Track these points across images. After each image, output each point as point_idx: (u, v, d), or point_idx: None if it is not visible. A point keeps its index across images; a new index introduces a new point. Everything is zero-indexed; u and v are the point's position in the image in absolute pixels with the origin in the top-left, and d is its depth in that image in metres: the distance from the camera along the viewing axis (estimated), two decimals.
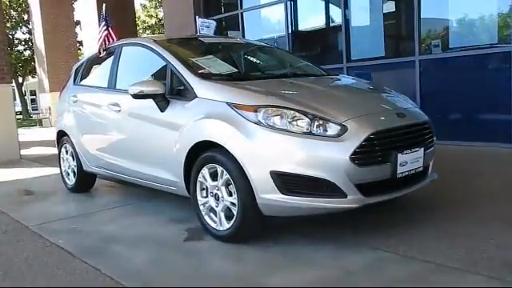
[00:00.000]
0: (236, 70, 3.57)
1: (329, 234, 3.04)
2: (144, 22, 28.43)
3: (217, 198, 2.99)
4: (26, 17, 26.11)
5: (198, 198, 3.14)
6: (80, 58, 22.73)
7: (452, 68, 6.35)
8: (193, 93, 3.17)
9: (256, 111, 2.78)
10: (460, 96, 6.15)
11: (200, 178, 3.09)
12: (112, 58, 4.24)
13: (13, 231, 3.57)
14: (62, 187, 5.07)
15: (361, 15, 7.59)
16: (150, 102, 3.37)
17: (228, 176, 2.86)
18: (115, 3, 13.94)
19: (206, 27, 5.32)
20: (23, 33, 27.74)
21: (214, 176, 3.01)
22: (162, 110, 3.32)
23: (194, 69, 3.34)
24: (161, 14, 27.52)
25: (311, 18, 8.64)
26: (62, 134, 4.93)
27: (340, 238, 2.94)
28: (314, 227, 3.16)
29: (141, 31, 26.96)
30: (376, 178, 2.76)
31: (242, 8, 9.46)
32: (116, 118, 3.89)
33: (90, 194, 4.80)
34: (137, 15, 21.33)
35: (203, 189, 3.11)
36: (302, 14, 8.60)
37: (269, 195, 2.70)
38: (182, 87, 3.29)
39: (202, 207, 3.13)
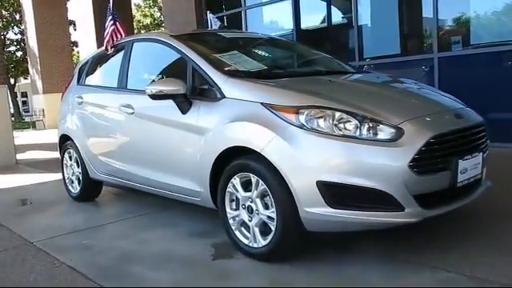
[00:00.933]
0: (265, 67, 3.23)
1: (379, 249, 2.70)
2: (139, 21, 27.95)
3: (250, 210, 2.65)
4: (17, 17, 25.58)
5: (227, 210, 2.79)
6: (74, 58, 22.26)
7: (473, 65, 6.05)
8: (219, 92, 2.83)
9: (297, 113, 2.44)
10: (482, 95, 5.85)
11: (229, 189, 2.75)
12: (121, 55, 3.87)
13: (16, 248, 3.20)
14: (64, 195, 4.69)
15: (374, 11, 7.28)
16: (169, 103, 3.03)
17: (265, 186, 2.52)
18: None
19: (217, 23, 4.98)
20: (15, 33, 27.21)
21: (246, 186, 2.67)
22: (184, 111, 2.98)
23: (218, 66, 2.99)
24: (156, 14, 27.11)
25: (319, 15, 8.32)
26: (65, 139, 4.56)
27: (392, 255, 2.61)
28: (362, 241, 2.82)
29: (135, 31, 26.47)
30: (435, 188, 2.43)
31: (245, 5, 9.13)
32: (128, 121, 3.53)
33: (96, 203, 4.44)
34: None
35: (233, 200, 2.77)
36: (310, 10, 8.28)
37: (314, 209, 2.36)
38: (206, 86, 2.95)
39: (231, 221, 2.78)
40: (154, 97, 3.00)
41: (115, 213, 3.99)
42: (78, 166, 4.39)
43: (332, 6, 8.24)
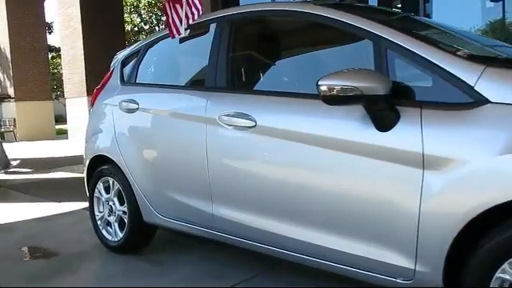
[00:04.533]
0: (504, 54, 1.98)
1: None
2: None
3: None
4: None
5: None
6: (52, 63, 20.17)
7: None
8: (470, 94, 1.56)
9: None
10: None
11: (505, 274, 1.47)
12: (211, 39, 2.51)
13: None
14: (89, 241, 3.31)
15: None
16: (347, 112, 1.75)
17: None
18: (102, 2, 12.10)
19: None
20: None
21: None
22: (384, 126, 1.69)
23: (449, 49, 1.73)
24: (136, 20, 25.62)
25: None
26: (99, 162, 3.15)
27: None
28: None
29: None
30: None
31: None
32: (243, 141, 2.18)
33: (147, 257, 3.01)
34: None
35: None
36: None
37: None
38: (427, 84, 1.69)
39: None
40: (333, 99, 1.70)
41: (191, 277, 2.61)
42: (123, 203, 2.98)
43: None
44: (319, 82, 1.68)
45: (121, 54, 3.33)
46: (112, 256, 3.06)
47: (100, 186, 3.17)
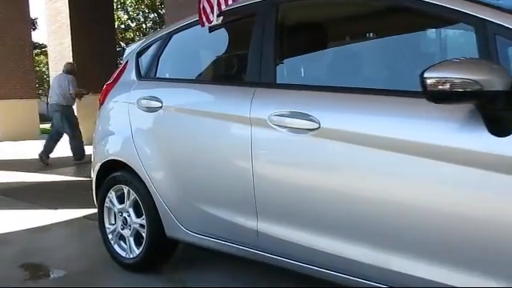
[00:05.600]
0: None
1: None
2: None
3: None
4: None
5: None
6: (37, 61, 19.39)
7: None
8: None
9: None
10: None
11: None
12: (253, 26, 2.15)
13: None
14: (96, 256, 2.94)
15: None
16: (445, 111, 1.43)
17: None
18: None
19: None
20: None
21: None
22: (504, 130, 1.36)
23: None
24: (124, 17, 25.05)
25: None
26: (111, 167, 2.76)
27: None
28: None
29: None
30: None
31: None
32: (301, 148, 1.82)
33: (166, 276, 2.65)
34: None
35: None
36: None
37: None
38: None
39: None
40: (443, 96, 1.36)
41: None
42: (140, 215, 2.60)
43: None
44: (425, 75, 1.34)
45: (135, 45, 2.95)
46: (126, 275, 2.68)
47: (112, 194, 2.78)
